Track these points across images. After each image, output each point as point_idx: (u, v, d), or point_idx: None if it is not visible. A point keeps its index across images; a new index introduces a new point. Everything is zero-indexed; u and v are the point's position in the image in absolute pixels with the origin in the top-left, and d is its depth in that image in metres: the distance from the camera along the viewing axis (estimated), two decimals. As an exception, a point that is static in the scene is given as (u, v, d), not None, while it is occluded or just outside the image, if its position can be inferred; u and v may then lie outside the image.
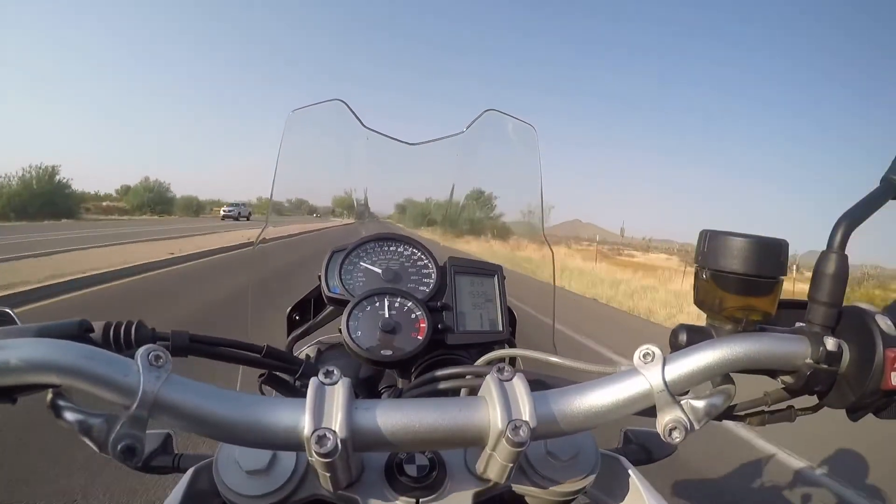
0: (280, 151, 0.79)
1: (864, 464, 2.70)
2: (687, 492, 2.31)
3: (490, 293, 0.65)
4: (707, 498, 2.31)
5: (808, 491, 2.45)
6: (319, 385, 0.35)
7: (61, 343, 0.32)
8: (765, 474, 2.59)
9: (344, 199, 0.94)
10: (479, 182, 0.98)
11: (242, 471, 0.41)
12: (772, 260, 0.38)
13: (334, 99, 0.73)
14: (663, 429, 0.37)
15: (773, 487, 2.45)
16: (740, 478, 2.52)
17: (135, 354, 0.32)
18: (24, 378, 0.31)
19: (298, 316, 0.74)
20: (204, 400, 0.33)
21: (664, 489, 2.25)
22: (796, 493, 2.43)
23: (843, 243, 0.37)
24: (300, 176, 0.81)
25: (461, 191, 0.88)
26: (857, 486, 2.47)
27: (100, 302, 5.69)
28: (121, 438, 0.31)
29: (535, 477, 0.44)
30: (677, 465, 2.40)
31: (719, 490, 2.38)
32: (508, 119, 0.79)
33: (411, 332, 0.57)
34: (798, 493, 2.43)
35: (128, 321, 0.43)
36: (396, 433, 0.34)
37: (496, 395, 0.35)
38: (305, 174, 0.85)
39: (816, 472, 2.64)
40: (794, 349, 0.37)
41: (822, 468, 2.67)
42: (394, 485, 0.42)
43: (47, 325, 0.39)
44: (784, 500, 2.38)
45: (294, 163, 0.76)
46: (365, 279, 0.64)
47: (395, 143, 0.75)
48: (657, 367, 0.37)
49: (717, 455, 2.67)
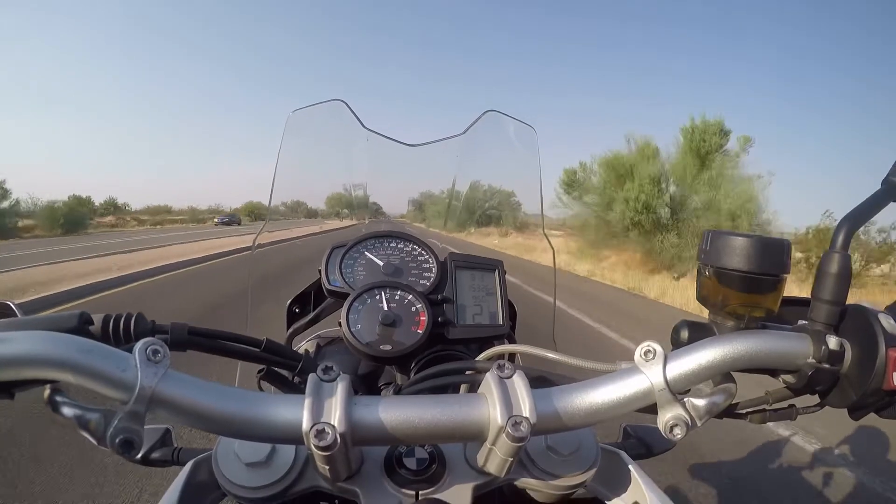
0: (280, 152, 0.78)
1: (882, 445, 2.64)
2: (701, 473, 2.25)
3: (490, 287, 0.65)
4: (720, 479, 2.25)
5: (825, 472, 2.37)
6: (318, 381, 0.35)
7: (59, 336, 0.31)
8: (781, 455, 2.53)
9: (343, 196, 0.93)
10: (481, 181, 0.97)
11: (242, 463, 0.41)
12: (775, 258, 0.38)
13: (334, 99, 0.73)
14: (664, 426, 0.37)
15: (788, 468, 2.39)
16: (753, 460, 2.45)
17: (133, 348, 0.32)
18: (22, 372, 0.30)
19: (298, 309, 0.74)
20: (202, 396, 0.33)
21: (676, 470, 2.22)
22: (814, 475, 2.35)
23: (846, 243, 0.37)
24: (300, 177, 0.81)
25: (463, 188, 0.87)
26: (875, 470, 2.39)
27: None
28: (119, 432, 0.31)
29: (535, 471, 0.44)
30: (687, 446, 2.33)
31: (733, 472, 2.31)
32: (509, 120, 0.79)
33: (411, 325, 0.57)
34: (815, 474, 2.36)
35: (127, 313, 0.42)
36: (395, 428, 0.34)
37: (496, 391, 0.35)
38: (305, 175, 0.85)
39: (835, 453, 2.55)
40: (796, 347, 0.37)
41: (839, 449, 2.59)
42: (393, 477, 0.42)
43: (47, 318, 0.39)
44: (801, 479, 2.32)
45: (294, 164, 0.76)
46: (365, 273, 0.64)
47: (396, 144, 0.75)
48: (658, 364, 0.36)
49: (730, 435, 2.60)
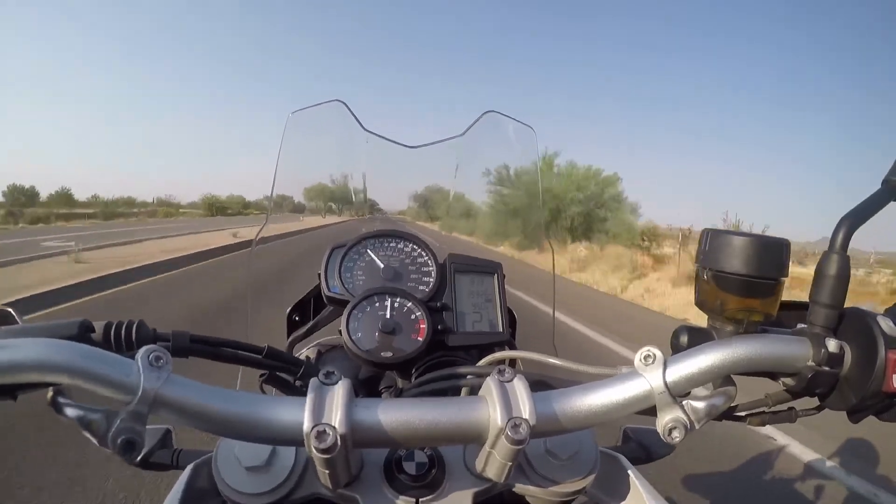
0: (280, 153, 0.78)
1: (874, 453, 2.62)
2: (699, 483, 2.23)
3: (490, 293, 0.65)
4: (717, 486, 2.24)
5: (819, 483, 2.35)
6: (319, 385, 0.35)
7: (62, 343, 0.31)
8: (776, 463, 2.51)
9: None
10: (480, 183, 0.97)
11: (242, 467, 0.41)
12: (773, 260, 0.37)
13: (334, 100, 0.72)
14: (663, 428, 0.37)
15: (782, 478, 2.37)
16: (749, 467, 2.44)
17: (135, 355, 0.32)
18: (25, 377, 0.31)
19: (298, 317, 0.74)
20: (204, 398, 0.33)
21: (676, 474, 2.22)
22: (807, 485, 2.33)
23: (845, 244, 0.37)
24: (298, 178, 0.81)
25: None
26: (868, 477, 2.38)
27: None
28: (120, 433, 0.31)
29: (534, 476, 0.44)
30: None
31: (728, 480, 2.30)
32: (508, 121, 0.78)
33: (411, 333, 0.57)
34: (809, 484, 2.34)
35: (129, 321, 0.42)
36: (396, 429, 0.34)
37: (496, 394, 0.35)
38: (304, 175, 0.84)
39: (827, 464, 2.54)
40: (795, 351, 0.37)
41: (832, 460, 2.58)
42: (393, 483, 0.42)
43: (49, 325, 0.39)
44: (793, 488, 2.31)
45: (293, 164, 0.75)
46: (365, 277, 0.64)
47: (395, 146, 0.75)
48: (658, 369, 0.37)
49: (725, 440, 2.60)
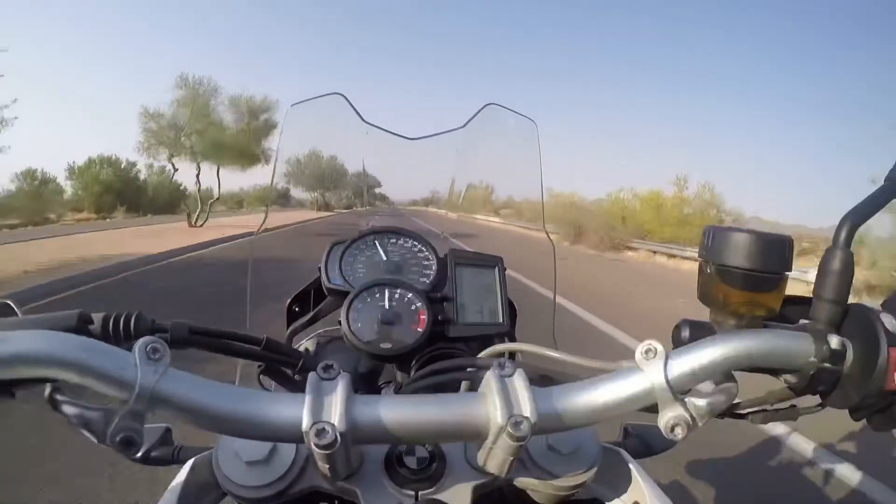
0: (279, 145, 0.78)
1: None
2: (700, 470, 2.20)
3: (491, 285, 0.65)
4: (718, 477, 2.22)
5: (822, 474, 2.33)
6: (318, 380, 0.35)
7: (59, 335, 0.31)
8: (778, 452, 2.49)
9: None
10: (480, 176, 0.97)
11: (242, 462, 0.41)
12: (777, 255, 0.37)
13: (333, 93, 0.72)
14: (665, 425, 0.37)
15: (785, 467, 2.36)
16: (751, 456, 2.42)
17: (132, 347, 0.32)
18: (22, 371, 0.30)
19: (298, 307, 0.74)
20: (202, 394, 0.33)
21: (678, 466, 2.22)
22: (810, 476, 2.31)
23: (849, 241, 0.37)
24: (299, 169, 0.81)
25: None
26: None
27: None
28: (119, 431, 0.31)
29: (535, 470, 0.44)
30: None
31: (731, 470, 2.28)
32: (509, 113, 0.78)
33: (411, 323, 0.57)
34: (812, 475, 2.32)
35: (127, 312, 0.42)
36: (395, 427, 0.34)
37: (496, 390, 0.35)
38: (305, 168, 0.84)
39: (830, 455, 2.50)
40: (797, 347, 0.37)
41: (834, 451, 2.53)
42: (393, 477, 0.42)
43: (47, 317, 0.39)
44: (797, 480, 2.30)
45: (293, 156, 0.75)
46: (365, 270, 0.64)
47: (395, 138, 0.75)
48: (659, 364, 0.36)
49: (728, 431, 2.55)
